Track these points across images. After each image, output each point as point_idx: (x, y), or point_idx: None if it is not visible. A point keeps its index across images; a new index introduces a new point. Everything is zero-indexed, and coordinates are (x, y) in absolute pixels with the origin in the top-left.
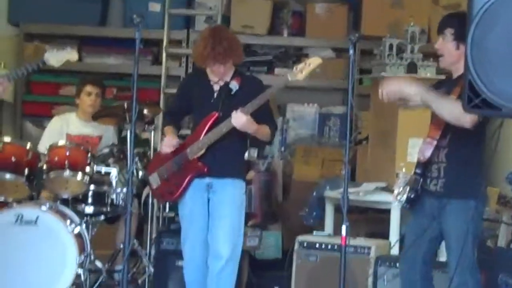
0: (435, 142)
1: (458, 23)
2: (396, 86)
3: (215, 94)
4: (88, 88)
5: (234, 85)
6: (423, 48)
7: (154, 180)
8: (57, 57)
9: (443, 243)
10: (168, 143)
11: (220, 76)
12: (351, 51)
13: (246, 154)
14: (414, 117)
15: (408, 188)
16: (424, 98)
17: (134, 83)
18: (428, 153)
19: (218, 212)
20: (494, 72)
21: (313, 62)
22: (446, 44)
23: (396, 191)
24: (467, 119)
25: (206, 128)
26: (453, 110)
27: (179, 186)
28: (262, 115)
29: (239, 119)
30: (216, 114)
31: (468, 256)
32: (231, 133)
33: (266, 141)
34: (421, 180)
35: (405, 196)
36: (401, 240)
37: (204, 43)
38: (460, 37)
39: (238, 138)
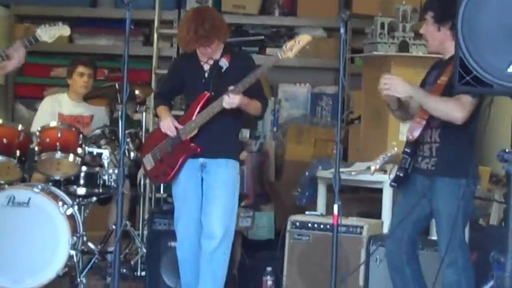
0: (424, 122)
1: (437, 6)
2: (393, 92)
3: (206, 74)
4: (80, 69)
5: (224, 63)
6: (414, 27)
7: (148, 161)
8: (50, 32)
9: (433, 221)
10: (168, 127)
11: (208, 56)
12: (342, 30)
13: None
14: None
15: (392, 164)
16: (417, 99)
17: (125, 64)
18: (416, 133)
19: (211, 192)
20: (485, 50)
21: (303, 39)
22: (428, 28)
23: (372, 167)
24: (458, 117)
25: (198, 108)
26: (444, 109)
27: (173, 167)
28: (252, 90)
29: (232, 103)
30: (208, 94)
31: (458, 234)
32: (224, 112)
33: (257, 116)
34: (410, 159)
35: (392, 176)
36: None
37: (187, 27)
38: (440, 20)
39: (231, 118)
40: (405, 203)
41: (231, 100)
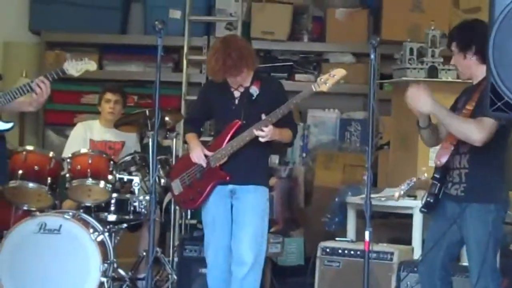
0: (452, 148)
1: (458, 35)
2: (414, 104)
3: (237, 101)
4: (108, 95)
5: (255, 90)
6: (443, 52)
7: (177, 186)
8: (76, 67)
9: (464, 247)
10: (199, 156)
11: (238, 84)
12: (372, 56)
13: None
14: (436, 121)
15: (426, 193)
16: (438, 115)
17: (157, 91)
18: (444, 158)
19: (241, 219)
20: None
21: (338, 73)
22: (456, 58)
23: (396, 193)
24: (477, 139)
25: (229, 136)
26: (463, 129)
27: (202, 194)
28: (283, 119)
29: (265, 136)
30: (239, 122)
31: (489, 261)
32: (254, 140)
33: (288, 143)
34: (439, 185)
35: (423, 201)
36: (423, 244)
37: (215, 58)
38: (463, 48)
39: (261, 146)
40: (436, 229)
41: (264, 134)
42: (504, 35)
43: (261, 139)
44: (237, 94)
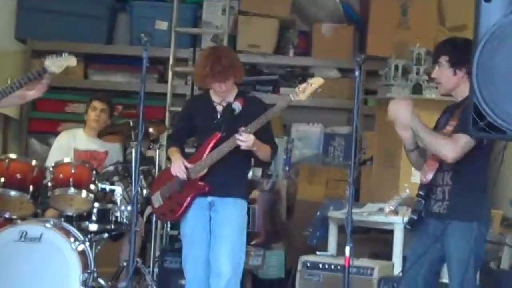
0: (437, 165)
1: (452, 50)
2: (393, 114)
3: (219, 114)
4: (94, 103)
5: (237, 106)
6: (428, 70)
7: (157, 199)
8: (57, 63)
9: (445, 264)
10: (179, 169)
11: (222, 94)
12: (357, 73)
13: (250, 173)
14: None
15: (406, 207)
16: (414, 128)
17: (141, 102)
18: (430, 175)
19: (219, 231)
20: (499, 95)
21: (316, 82)
22: (443, 72)
23: (386, 209)
24: (448, 156)
25: (209, 148)
26: (436, 145)
27: (181, 205)
28: (263, 135)
29: (247, 141)
30: (219, 135)
31: (470, 278)
32: (234, 152)
33: (265, 162)
34: (424, 202)
35: (406, 218)
36: (404, 261)
37: (204, 63)
38: (456, 63)
39: (241, 158)
40: (418, 246)
41: (244, 138)
42: (488, 55)
43: (241, 145)
44: (219, 108)
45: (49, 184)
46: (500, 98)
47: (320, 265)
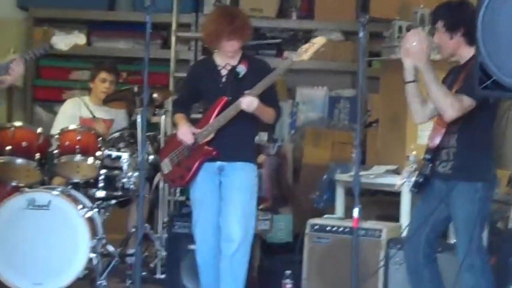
0: (443, 130)
1: (447, 14)
2: (411, 51)
3: (223, 79)
4: (103, 74)
5: (242, 68)
6: (432, 30)
7: (166, 165)
8: (65, 40)
9: (452, 225)
10: (186, 135)
11: (230, 55)
12: (361, 34)
13: (256, 138)
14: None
15: (416, 172)
16: (424, 75)
17: (146, 68)
18: (437, 140)
19: (229, 196)
20: (505, 54)
21: (318, 41)
22: (441, 37)
23: (399, 182)
24: (448, 115)
25: (216, 112)
26: (440, 101)
27: (190, 170)
28: (267, 98)
29: (251, 103)
30: (225, 99)
31: (476, 238)
32: (241, 116)
33: (269, 124)
34: (430, 165)
35: (413, 180)
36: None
37: (219, 21)
38: (452, 28)
39: (248, 122)
40: (423, 207)
41: (248, 100)
42: (492, 14)
43: (244, 108)
44: (224, 72)
45: (55, 151)
46: (506, 57)
47: (328, 228)
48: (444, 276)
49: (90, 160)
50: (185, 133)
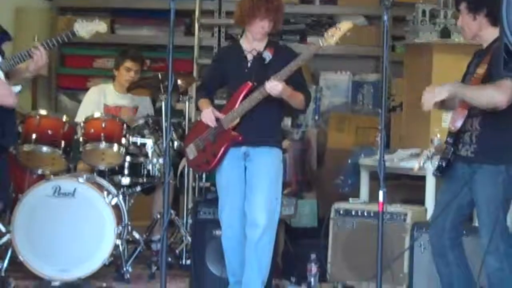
0: (466, 112)
1: None
2: (431, 97)
3: (249, 64)
4: (128, 63)
5: (268, 55)
6: (456, 13)
7: (191, 151)
8: (87, 28)
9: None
10: (209, 117)
11: (262, 35)
12: (385, 17)
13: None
14: (448, 82)
15: (435, 155)
16: (458, 94)
17: (170, 54)
18: (459, 123)
19: (255, 181)
20: None
21: (344, 26)
22: (464, 19)
23: (416, 165)
24: (500, 101)
25: (241, 97)
26: (485, 97)
27: (215, 156)
28: (295, 83)
29: (275, 86)
30: (250, 84)
31: (499, 221)
32: (266, 101)
33: (300, 109)
34: (452, 149)
35: (435, 163)
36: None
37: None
38: (475, 8)
39: (273, 106)
40: (447, 191)
41: (273, 84)
42: None
43: (272, 93)
44: (250, 57)
45: (81, 139)
46: None
47: (353, 212)
48: (471, 260)
49: (115, 147)
50: (209, 116)
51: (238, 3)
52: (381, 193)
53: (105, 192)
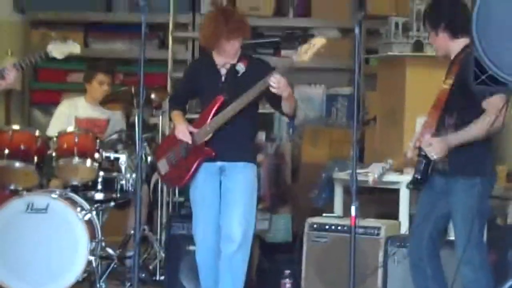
0: (433, 128)
1: (428, 14)
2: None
3: (223, 78)
4: (100, 77)
5: (241, 67)
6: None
7: (163, 166)
8: (60, 49)
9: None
10: (183, 134)
11: (232, 56)
12: (356, 30)
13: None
14: (422, 95)
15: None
16: (458, 143)
17: (141, 68)
18: (426, 137)
19: (230, 196)
20: (499, 48)
21: (318, 42)
22: (431, 37)
23: (371, 178)
24: (499, 124)
25: (213, 112)
26: (483, 129)
27: (188, 171)
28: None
29: (280, 79)
30: (222, 98)
31: (475, 234)
32: (240, 116)
33: (290, 115)
34: (424, 161)
35: (411, 178)
36: (411, 219)
37: (216, 22)
38: (434, 26)
39: (248, 121)
40: (425, 203)
41: (277, 81)
42: (487, 8)
43: (274, 90)
44: (223, 71)
45: (54, 154)
46: (501, 50)
47: (327, 227)
48: (444, 272)
49: (88, 162)
50: (183, 132)
51: (200, 29)
52: (353, 207)
53: (78, 208)
